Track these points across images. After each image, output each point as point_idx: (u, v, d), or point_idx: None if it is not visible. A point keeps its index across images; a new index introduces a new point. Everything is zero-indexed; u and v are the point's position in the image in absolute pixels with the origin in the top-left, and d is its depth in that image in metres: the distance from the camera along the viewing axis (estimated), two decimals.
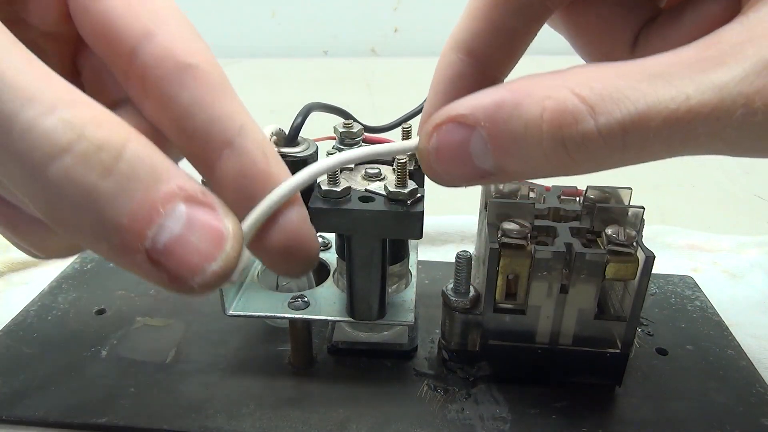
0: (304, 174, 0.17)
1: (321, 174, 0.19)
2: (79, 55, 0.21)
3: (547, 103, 0.16)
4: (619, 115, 0.15)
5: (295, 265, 0.19)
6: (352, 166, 0.27)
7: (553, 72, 0.16)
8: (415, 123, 0.28)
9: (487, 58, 0.19)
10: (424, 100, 0.28)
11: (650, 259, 0.24)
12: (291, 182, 0.17)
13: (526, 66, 0.21)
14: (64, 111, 0.14)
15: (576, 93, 0.15)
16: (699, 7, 0.19)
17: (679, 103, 0.15)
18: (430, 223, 0.40)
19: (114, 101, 0.19)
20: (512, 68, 0.20)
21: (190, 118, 0.17)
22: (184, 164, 0.18)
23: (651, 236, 0.42)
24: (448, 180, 0.18)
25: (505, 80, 0.20)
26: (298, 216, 0.18)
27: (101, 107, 0.15)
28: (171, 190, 0.15)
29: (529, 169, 0.17)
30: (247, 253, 0.17)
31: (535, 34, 0.19)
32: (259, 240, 0.18)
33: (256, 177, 0.17)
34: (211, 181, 0.18)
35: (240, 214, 0.17)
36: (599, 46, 0.22)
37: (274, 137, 0.26)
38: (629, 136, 0.15)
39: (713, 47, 0.15)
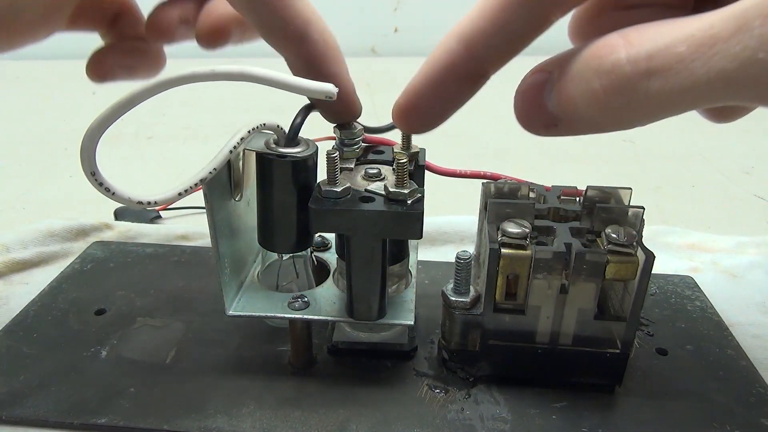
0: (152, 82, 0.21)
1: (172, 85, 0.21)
2: None
3: (596, 42, 0.18)
4: (649, 46, 0.16)
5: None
6: (352, 165, 0.27)
7: None
8: None
9: (482, 55, 0.20)
10: None
11: (650, 259, 0.24)
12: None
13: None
14: None
15: (622, 33, 0.17)
16: None
17: (703, 32, 0.16)
18: (430, 223, 0.40)
19: None
20: (500, 68, 0.21)
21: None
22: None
23: (651, 236, 0.42)
24: (526, 121, 0.21)
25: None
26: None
27: None
28: None
29: (581, 111, 0.18)
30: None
31: (530, 43, 0.20)
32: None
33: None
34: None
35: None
36: None
37: (274, 136, 0.26)
38: (653, 62, 0.16)
39: None
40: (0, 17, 0.23)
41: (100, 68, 0.30)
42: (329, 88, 0.22)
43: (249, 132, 0.25)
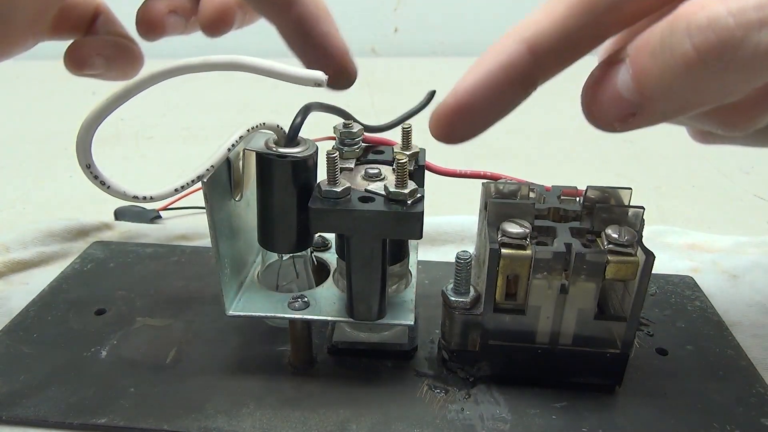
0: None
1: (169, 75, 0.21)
2: None
3: (681, 6, 0.15)
4: None
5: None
6: (352, 165, 0.27)
7: None
8: (414, 122, 0.29)
9: (544, 59, 0.19)
10: (424, 99, 0.28)
11: (650, 259, 0.24)
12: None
13: None
14: None
15: None
16: None
17: None
18: (429, 223, 0.40)
19: None
20: (551, 78, 0.20)
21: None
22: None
23: (651, 236, 0.42)
24: (599, 115, 0.19)
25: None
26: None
27: None
28: None
29: (666, 86, 0.16)
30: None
31: (589, 52, 0.19)
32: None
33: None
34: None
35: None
36: None
37: (274, 136, 0.26)
38: (766, 11, 0.14)
39: None
40: None
41: (77, 56, 0.30)
42: (318, 75, 0.21)
43: (248, 131, 0.25)
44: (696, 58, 0.15)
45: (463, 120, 0.20)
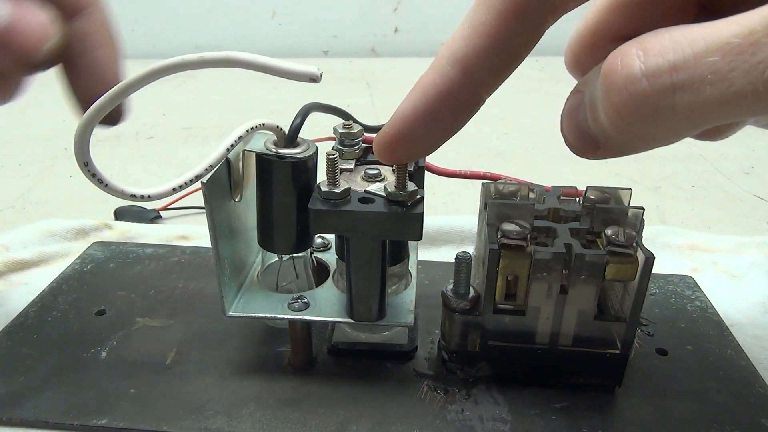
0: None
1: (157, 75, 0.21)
2: None
3: (611, 54, 0.15)
4: (672, 57, 0.14)
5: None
6: (352, 166, 0.27)
7: None
8: None
9: (480, 78, 0.19)
10: None
11: (650, 259, 0.24)
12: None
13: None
14: None
15: (638, 40, 0.15)
16: None
17: (742, 38, 0.13)
18: (429, 223, 0.40)
19: None
20: (494, 92, 0.19)
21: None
22: None
23: (651, 236, 0.42)
24: (571, 145, 0.19)
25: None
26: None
27: None
28: None
29: (608, 133, 0.17)
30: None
31: (524, 59, 0.19)
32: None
33: None
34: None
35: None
36: None
37: (273, 137, 0.26)
38: (680, 74, 0.14)
39: None
40: None
41: None
42: (312, 70, 0.21)
43: (247, 131, 0.25)
44: (617, 117, 0.15)
45: (404, 147, 0.20)
